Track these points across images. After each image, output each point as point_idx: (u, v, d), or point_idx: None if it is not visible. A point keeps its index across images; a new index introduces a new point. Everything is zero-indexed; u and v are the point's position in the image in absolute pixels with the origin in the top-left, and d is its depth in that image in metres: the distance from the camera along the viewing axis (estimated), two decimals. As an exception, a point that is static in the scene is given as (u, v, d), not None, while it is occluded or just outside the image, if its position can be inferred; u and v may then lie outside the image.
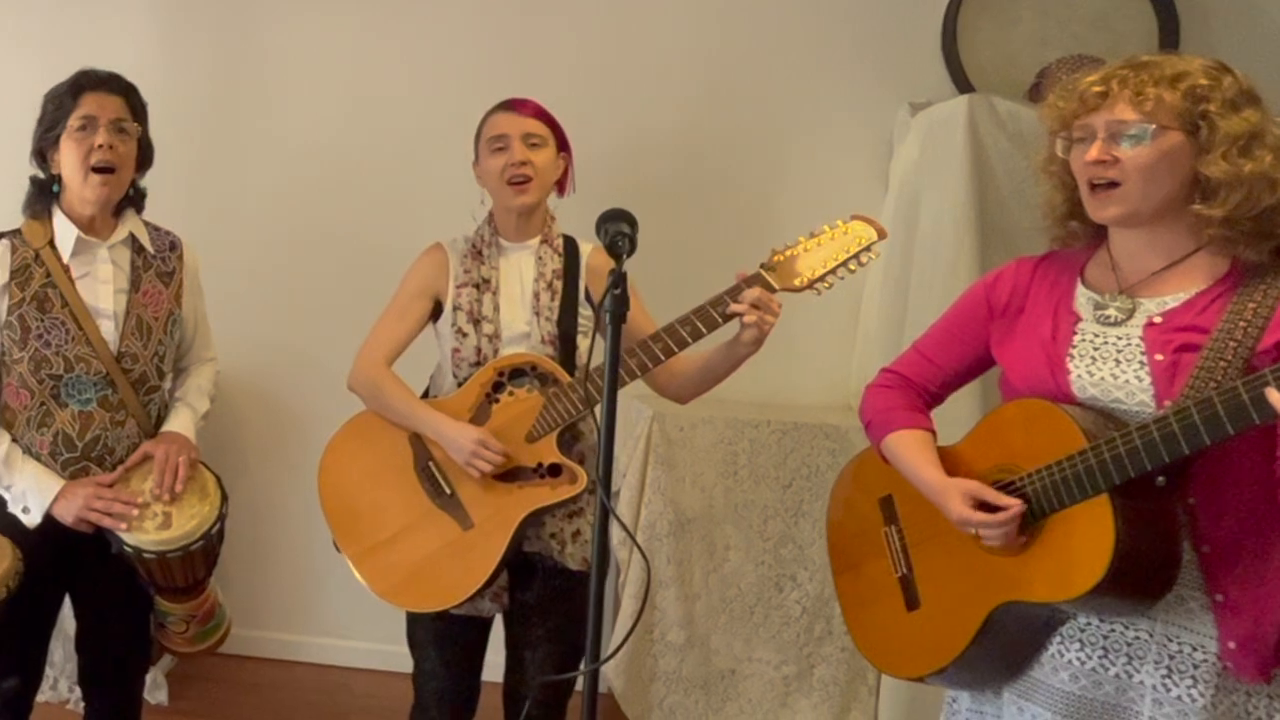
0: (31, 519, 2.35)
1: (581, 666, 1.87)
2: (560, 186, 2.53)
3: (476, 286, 2.46)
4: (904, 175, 3.45)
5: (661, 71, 3.68)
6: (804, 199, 3.59)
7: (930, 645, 1.95)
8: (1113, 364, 1.78)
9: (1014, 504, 1.79)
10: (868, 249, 2.24)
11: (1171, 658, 1.74)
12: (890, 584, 2.07)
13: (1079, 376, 1.80)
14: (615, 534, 3.30)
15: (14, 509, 2.36)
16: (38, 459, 2.38)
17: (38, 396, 2.37)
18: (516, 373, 2.40)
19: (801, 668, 3.41)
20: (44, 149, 2.43)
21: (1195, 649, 1.73)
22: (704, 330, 2.23)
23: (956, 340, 2.05)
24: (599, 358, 1.97)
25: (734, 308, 2.20)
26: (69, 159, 2.37)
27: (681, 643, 3.41)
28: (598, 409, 1.86)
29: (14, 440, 2.39)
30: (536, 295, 2.44)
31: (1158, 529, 1.70)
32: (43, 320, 2.35)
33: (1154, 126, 1.72)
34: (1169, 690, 1.73)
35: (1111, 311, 1.81)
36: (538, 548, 2.42)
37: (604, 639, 1.91)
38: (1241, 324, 1.69)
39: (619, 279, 1.77)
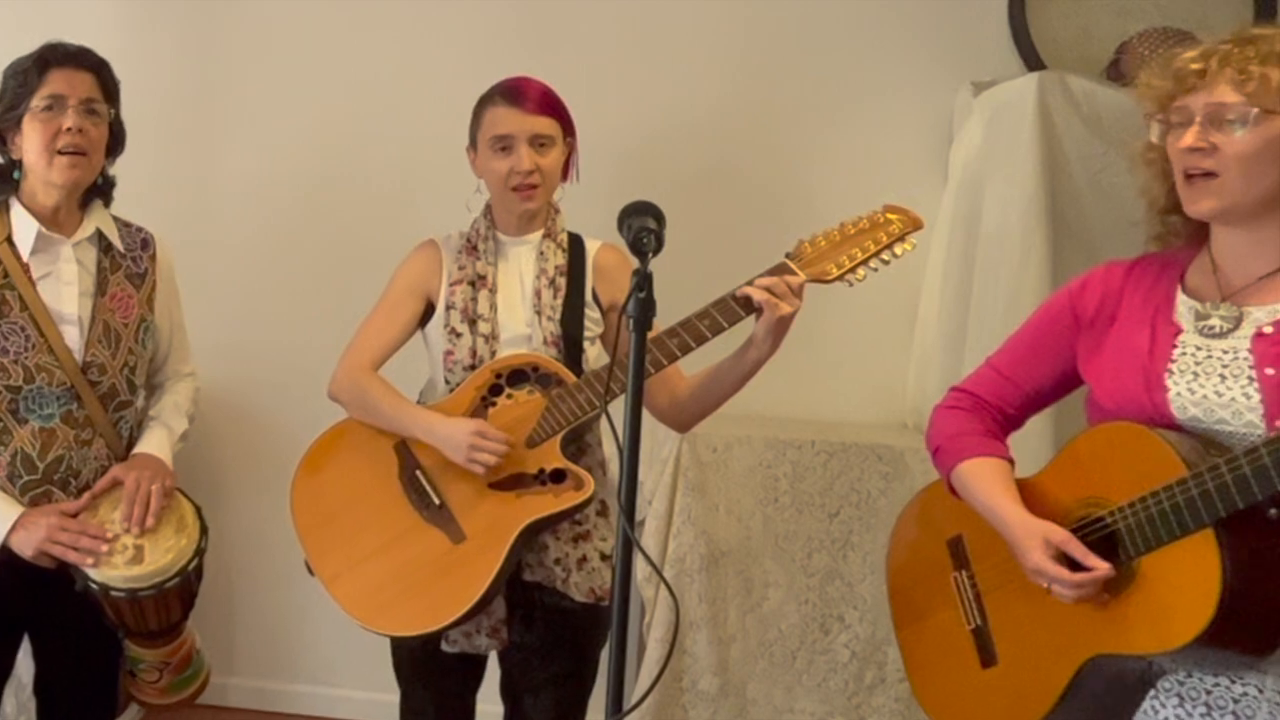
0: None
1: (600, 719, 1.85)
2: (564, 173, 2.53)
3: (472, 284, 2.47)
4: (965, 164, 3.46)
5: (688, 46, 3.65)
6: (850, 192, 3.51)
7: (1010, 708, 1.95)
8: (1217, 380, 1.76)
9: (1102, 566, 1.77)
10: (901, 239, 2.28)
11: (1287, 717, 1.70)
12: (962, 638, 2.06)
13: (1179, 394, 1.78)
14: (639, 569, 3.28)
15: None
16: None
17: None
18: (516, 375, 2.39)
19: (850, 720, 3.40)
20: (3, 131, 2.39)
21: (1314, 708, 1.70)
22: (724, 323, 2.23)
23: (1038, 355, 2.04)
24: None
25: (744, 289, 2.20)
26: (32, 142, 2.34)
27: (715, 692, 3.40)
28: (609, 412, 1.86)
29: None
30: (538, 293, 2.45)
31: (1271, 569, 1.67)
32: None
33: (1256, 110, 1.70)
34: (1282, 756, 1.70)
35: (1215, 321, 1.80)
36: (539, 576, 2.41)
37: (626, 687, 1.89)
38: None
39: (643, 280, 1.77)
